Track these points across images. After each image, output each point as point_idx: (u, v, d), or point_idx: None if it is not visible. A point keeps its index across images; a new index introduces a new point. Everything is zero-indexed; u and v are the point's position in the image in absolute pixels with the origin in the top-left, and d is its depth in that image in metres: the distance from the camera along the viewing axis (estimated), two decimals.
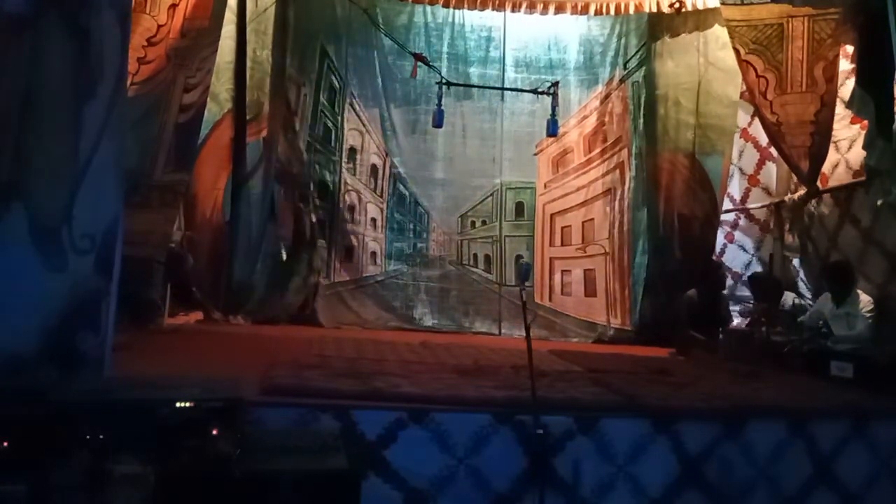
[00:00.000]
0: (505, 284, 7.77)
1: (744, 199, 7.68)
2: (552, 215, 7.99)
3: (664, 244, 7.34)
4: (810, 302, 6.07)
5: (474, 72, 7.83)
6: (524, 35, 7.86)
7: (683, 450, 3.32)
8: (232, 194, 6.71)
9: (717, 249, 7.59)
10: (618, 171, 7.77)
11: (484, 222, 7.98)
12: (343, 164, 7.66)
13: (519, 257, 7.89)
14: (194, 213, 6.48)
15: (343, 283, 7.49)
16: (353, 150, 7.74)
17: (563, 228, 7.97)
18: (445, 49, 7.79)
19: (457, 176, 7.90)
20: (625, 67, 7.84)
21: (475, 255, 7.98)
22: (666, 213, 7.36)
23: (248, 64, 6.76)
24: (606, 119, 7.87)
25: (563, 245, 7.96)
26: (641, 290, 7.41)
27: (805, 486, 3.49)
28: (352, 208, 7.68)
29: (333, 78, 7.63)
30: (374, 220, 7.79)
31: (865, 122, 5.57)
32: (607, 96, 7.87)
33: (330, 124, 7.63)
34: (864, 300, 5.21)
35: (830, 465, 3.54)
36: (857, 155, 5.86)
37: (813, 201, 6.20)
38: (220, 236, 6.75)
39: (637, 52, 7.78)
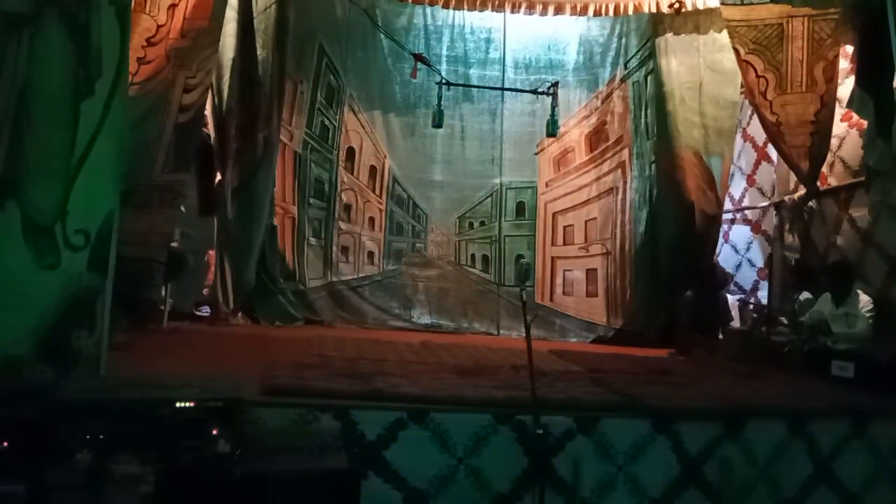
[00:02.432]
0: (503, 284, 7.77)
1: (741, 200, 7.69)
2: (554, 214, 7.99)
3: (669, 243, 7.30)
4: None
5: (474, 73, 7.83)
6: (524, 36, 7.86)
7: (683, 450, 3.32)
8: (233, 192, 6.67)
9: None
10: (619, 171, 7.77)
11: (482, 223, 8.00)
12: (340, 163, 7.66)
13: (519, 257, 7.89)
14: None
15: (340, 282, 7.49)
16: (351, 150, 7.75)
17: (565, 228, 7.98)
18: (445, 50, 7.80)
19: (455, 178, 7.92)
20: (625, 67, 7.83)
21: (472, 256, 8.00)
22: (676, 211, 7.23)
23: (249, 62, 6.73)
24: (607, 119, 7.87)
25: (565, 244, 7.96)
26: (643, 289, 7.40)
27: (805, 486, 3.49)
28: (348, 207, 7.69)
29: (332, 77, 7.62)
30: (371, 219, 7.80)
31: (855, 119, 5.59)
32: (608, 96, 7.87)
33: (327, 123, 7.63)
34: (864, 300, 5.20)
35: (830, 465, 3.54)
36: (849, 153, 5.88)
37: (813, 201, 6.20)
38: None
39: (638, 51, 7.77)
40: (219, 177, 6.53)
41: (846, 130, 5.89)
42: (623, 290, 7.53)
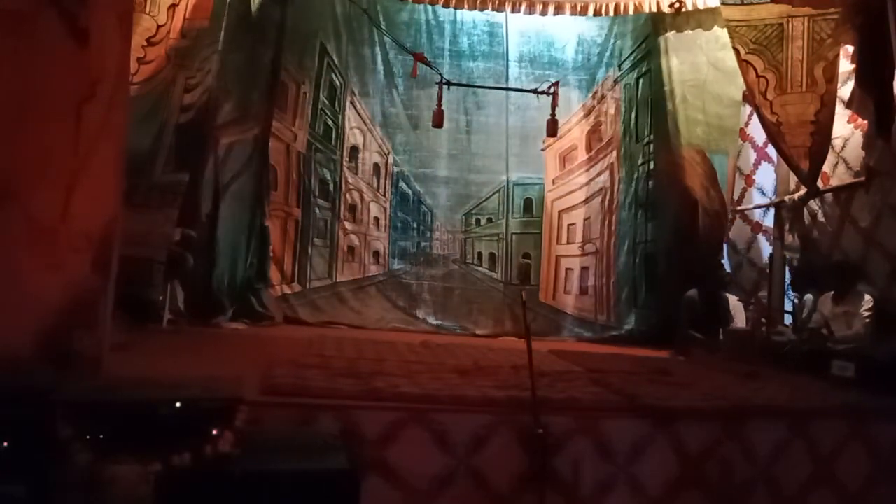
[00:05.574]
0: (510, 283, 7.76)
1: (740, 199, 7.68)
2: (560, 212, 7.97)
3: (668, 242, 7.29)
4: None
5: (477, 67, 7.81)
6: (527, 31, 7.86)
7: (683, 450, 3.32)
8: (222, 192, 6.61)
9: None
10: (608, 172, 7.80)
11: (490, 220, 7.96)
12: (344, 163, 7.66)
13: (526, 255, 7.86)
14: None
15: (345, 282, 7.48)
16: (354, 149, 7.74)
17: (569, 226, 7.96)
18: (447, 45, 7.79)
19: (461, 173, 7.87)
20: (619, 69, 7.84)
21: (479, 254, 7.97)
22: (676, 211, 7.20)
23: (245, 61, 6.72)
24: (603, 119, 7.90)
25: (568, 243, 7.95)
26: (641, 289, 7.40)
27: (805, 486, 3.49)
28: (353, 207, 7.68)
29: (334, 76, 7.63)
30: (376, 219, 7.79)
31: (861, 121, 5.58)
32: (603, 97, 7.89)
33: (330, 123, 7.63)
34: (865, 299, 5.21)
35: (830, 465, 3.54)
36: (851, 154, 5.87)
37: (813, 201, 6.20)
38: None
39: (632, 53, 7.78)
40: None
41: (851, 132, 5.88)
42: (614, 290, 7.54)
